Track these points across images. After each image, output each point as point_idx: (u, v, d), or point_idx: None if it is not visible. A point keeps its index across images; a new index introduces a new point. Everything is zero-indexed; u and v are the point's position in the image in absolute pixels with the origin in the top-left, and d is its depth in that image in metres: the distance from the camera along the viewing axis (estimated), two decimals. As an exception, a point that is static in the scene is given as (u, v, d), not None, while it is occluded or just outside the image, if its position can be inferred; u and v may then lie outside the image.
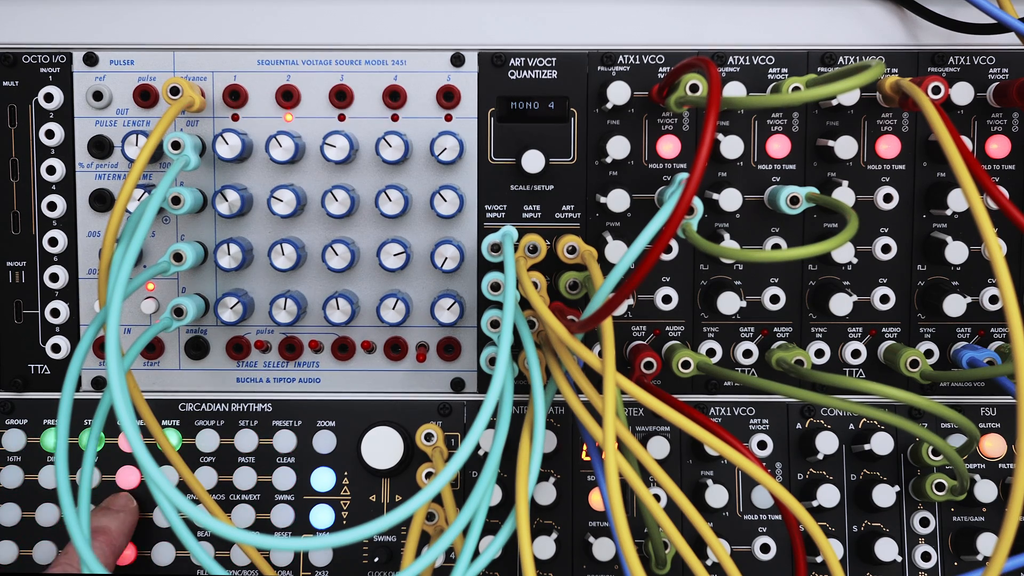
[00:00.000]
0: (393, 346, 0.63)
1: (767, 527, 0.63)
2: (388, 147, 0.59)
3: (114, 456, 0.64)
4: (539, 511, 0.63)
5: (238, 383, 0.64)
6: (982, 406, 0.64)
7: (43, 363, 0.64)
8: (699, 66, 0.51)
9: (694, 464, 0.64)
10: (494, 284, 0.59)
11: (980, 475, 0.63)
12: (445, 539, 0.51)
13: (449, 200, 0.60)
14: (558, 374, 0.54)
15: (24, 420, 0.64)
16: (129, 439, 0.49)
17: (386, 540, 0.64)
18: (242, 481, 0.64)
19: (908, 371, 0.59)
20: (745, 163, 0.62)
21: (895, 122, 0.62)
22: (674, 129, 0.62)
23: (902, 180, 0.62)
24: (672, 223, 0.45)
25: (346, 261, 0.60)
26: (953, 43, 0.62)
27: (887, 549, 0.61)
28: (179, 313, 0.58)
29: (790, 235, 0.62)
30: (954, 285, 0.62)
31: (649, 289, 0.61)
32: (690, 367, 0.59)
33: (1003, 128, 0.62)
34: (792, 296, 0.63)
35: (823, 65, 0.61)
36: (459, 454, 0.48)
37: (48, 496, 0.64)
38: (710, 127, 0.45)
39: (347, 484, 0.64)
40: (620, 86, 0.59)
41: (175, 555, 0.64)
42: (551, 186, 0.62)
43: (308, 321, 0.63)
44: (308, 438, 0.64)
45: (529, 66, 0.62)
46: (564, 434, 0.64)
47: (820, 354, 0.62)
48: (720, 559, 0.50)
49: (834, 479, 0.63)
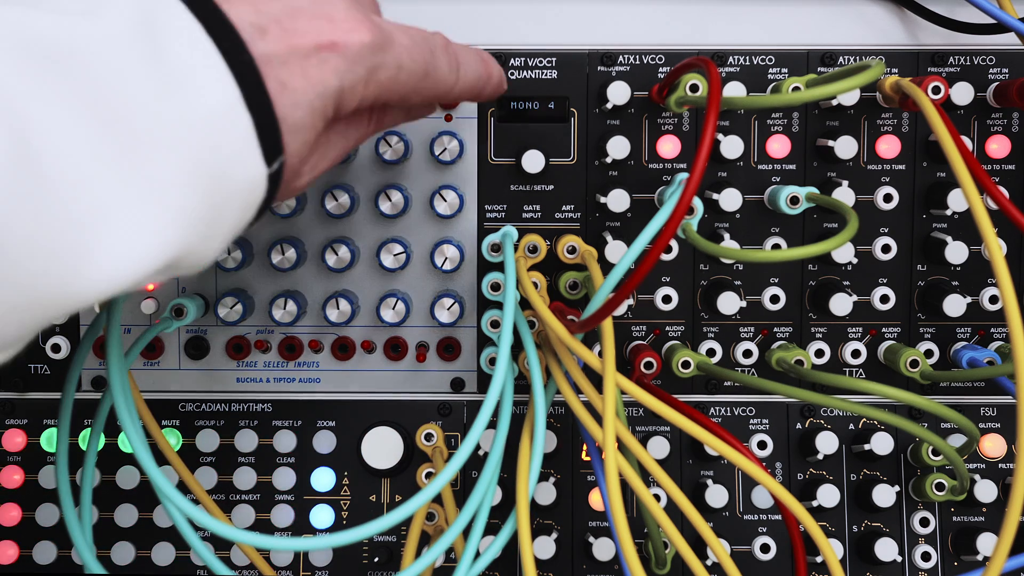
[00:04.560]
0: (393, 346, 0.63)
1: (767, 527, 0.63)
2: (388, 147, 0.60)
3: (114, 456, 0.64)
4: (539, 511, 0.63)
5: (238, 383, 0.64)
6: (982, 406, 0.64)
7: (43, 363, 0.64)
8: (699, 66, 0.51)
9: (694, 464, 0.64)
10: (494, 284, 0.59)
11: (980, 475, 0.63)
12: (445, 539, 0.51)
13: (449, 200, 0.60)
14: (558, 374, 0.54)
15: (24, 420, 0.64)
16: (129, 439, 0.49)
17: (386, 540, 0.64)
18: (242, 481, 0.64)
19: (908, 371, 0.59)
20: (745, 163, 0.62)
21: (895, 122, 0.62)
22: (674, 129, 0.62)
23: (902, 180, 0.62)
24: (672, 223, 0.45)
25: (346, 261, 0.60)
26: (953, 43, 0.62)
27: (887, 549, 0.61)
28: (179, 313, 0.58)
29: (790, 235, 0.62)
30: (954, 285, 0.62)
31: (649, 289, 0.61)
32: (690, 367, 0.59)
33: (1003, 128, 0.62)
34: (792, 296, 0.63)
35: (823, 65, 0.61)
36: (459, 454, 0.48)
37: (48, 496, 0.64)
38: (710, 127, 0.45)
39: (347, 484, 0.64)
40: (620, 86, 0.59)
41: (175, 555, 0.64)
42: (551, 186, 0.62)
43: (308, 321, 0.63)
44: (308, 438, 0.64)
45: (529, 66, 0.62)
46: (564, 434, 0.64)
47: (820, 354, 0.62)
48: (720, 559, 0.50)
49: (834, 479, 0.63)
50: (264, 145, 0.37)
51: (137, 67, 0.34)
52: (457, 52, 0.48)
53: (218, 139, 0.36)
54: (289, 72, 0.38)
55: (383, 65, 0.42)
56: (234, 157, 0.36)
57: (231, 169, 0.36)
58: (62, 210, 0.32)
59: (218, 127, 0.36)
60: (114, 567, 0.63)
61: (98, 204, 0.33)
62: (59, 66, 0.32)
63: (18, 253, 0.30)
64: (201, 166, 0.35)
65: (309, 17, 0.39)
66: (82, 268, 0.33)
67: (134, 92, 0.34)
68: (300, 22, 0.39)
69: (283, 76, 0.38)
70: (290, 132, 0.38)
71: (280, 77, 0.38)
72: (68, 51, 0.33)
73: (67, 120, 0.32)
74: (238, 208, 0.38)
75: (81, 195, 0.32)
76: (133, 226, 0.33)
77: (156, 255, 0.34)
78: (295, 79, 0.38)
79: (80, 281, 0.33)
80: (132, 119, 0.33)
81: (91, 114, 0.33)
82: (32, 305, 0.32)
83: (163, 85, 0.34)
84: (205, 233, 0.37)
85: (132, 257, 0.34)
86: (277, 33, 0.38)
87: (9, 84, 0.31)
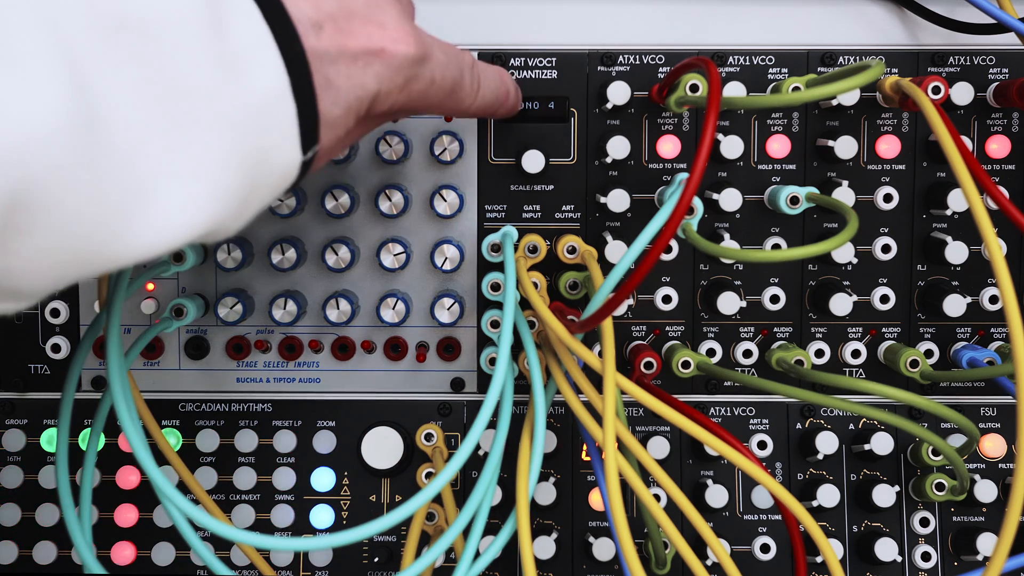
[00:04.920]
0: (393, 346, 0.63)
1: (767, 527, 0.63)
2: (388, 147, 0.59)
3: (114, 456, 0.64)
4: (539, 511, 0.63)
5: (238, 383, 0.64)
6: (982, 406, 0.64)
7: (43, 363, 0.64)
8: (699, 66, 0.51)
9: (694, 464, 0.64)
10: (494, 284, 0.59)
11: (980, 475, 0.63)
12: (445, 539, 0.51)
13: (449, 200, 0.60)
14: (558, 374, 0.54)
15: (24, 420, 0.64)
16: (129, 439, 0.49)
17: (386, 540, 0.64)
18: (242, 481, 0.64)
19: (908, 371, 0.59)
20: (745, 163, 0.62)
21: (895, 122, 0.62)
22: (674, 129, 0.62)
23: (902, 180, 0.62)
24: (672, 223, 0.45)
25: (346, 261, 0.60)
26: (953, 43, 0.62)
27: (887, 549, 0.61)
28: (179, 313, 0.58)
29: (790, 235, 0.62)
30: (954, 285, 0.62)
31: (649, 289, 0.61)
32: (690, 367, 0.59)
33: (1003, 128, 0.62)
34: (792, 296, 0.63)
35: (823, 65, 0.61)
36: (459, 454, 0.48)
37: (48, 496, 0.64)
38: (710, 127, 0.45)
39: (347, 484, 0.64)
40: (620, 86, 0.59)
41: (175, 555, 0.64)
42: (551, 186, 0.62)
43: (308, 321, 0.63)
44: (308, 438, 0.64)
45: (529, 66, 0.62)
46: (564, 434, 0.64)
47: (820, 354, 0.62)
48: (720, 559, 0.50)
49: (834, 479, 0.63)
50: (303, 135, 0.38)
51: (201, 44, 0.35)
52: (480, 73, 0.50)
53: (265, 124, 0.37)
54: (336, 71, 0.40)
55: (419, 77, 0.44)
56: (276, 143, 0.38)
57: (271, 154, 0.38)
58: (117, 177, 0.32)
59: (266, 113, 0.37)
60: (114, 567, 0.63)
61: (150, 174, 0.33)
62: (130, 36, 0.33)
63: (72, 214, 0.31)
64: (246, 148, 0.36)
65: (362, 21, 0.41)
66: (125, 234, 0.34)
67: (195, 69, 0.34)
68: (354, 24, 0.41)
69: (330, 73, 0.39)
70: (326, 126, 0.40)
71: (327, 74, 0.39)
72: (139, 21, 0.33)
73: (131, 90, 0.33)
74: (269, 191, 0.39)
75: (136, 164, 0.33)
76: (178, 199, 0.34)
77: (193, 228, 0.35)
78: (340, 78, 0.40)
79: (121, 246, 0.34)
80: (190, 95, 0.34)
81: (154, 86, 0.33)
82: (72, 262, 0.33)
83: (222, 65, 0.35)
84: (238, 211, 0.38)
85: (172, 227, 0.35)
86: (331, 31, 0.40)
87: (82, 51, 0.31)
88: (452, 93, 0.48)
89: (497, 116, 0.56)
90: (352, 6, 0.41)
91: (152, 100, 0.33)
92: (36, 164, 0.29)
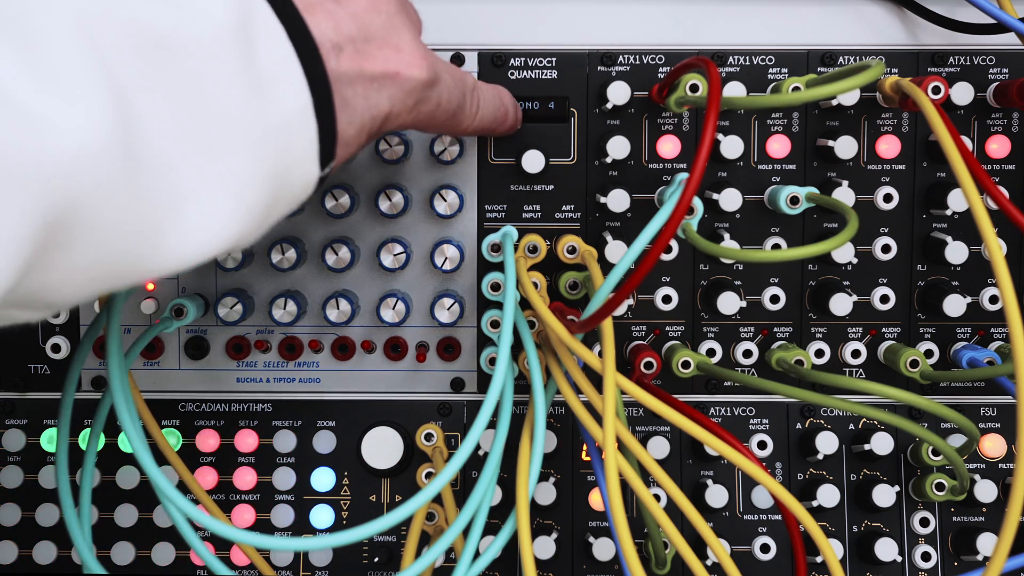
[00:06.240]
0: (393, 346, 0.63)
1: (767, 527, 0.63)
2: (388, 147, 0.60)
3: (114, 456, 0.64)
4: (539, 511, 0.63)
5: (238, 383, 0.64)
6: (982, 406, 0.64)
7: (43, 363, 0.64)
8: (699, 66, 0.51)
9: (694, 464, 0.64)
10: (494, 284, 0.59)
11: (980, 475, 0.63)
12: (445, 539, 0.51)
13: (449, 200, 0.60)
14: (558, 374, 0.54)
15: (24, 420, 0.64)
16: (129, 439, 0.49)
17: (386, 540, 0.64)
18: (242, 481, 0.64)
19: (908, 371, 0.59)
20: (745, 163, 0.62)
21: (895, 122, 0.62)
22: (674, 129, 0.62)
23: (902, 180, 0.62)
24: (672, 223, 0.45)
25: (346, 261, 0.60)
26: (953, 43, 0.62)
27: (887, 549, 0.61)
28: (179, 313, 0.58)
29: (790, 235, 0.62)
30: (954, 285, 0.62)
31: (649, 289, 0.61)
32: (690, 367, 0.59)
33: (1003, 128, 0.62)
34: (792, 296, 0.63)
35: (823, 65, 0.61)
36: (459, 454, 0.48)
37: (48, 496, 0.64)
38: (710, 127, 0.45)
39: (347, 484, 0.64)
40: (620, 86, 0.59)
41: (175, 555, 0.64)
42: (551, 186, 0.62)
43: (308, 321, 0.63)
44: (308, 438, 0.64)
45: (529, 66, 0.62)
46: (564, 434, 0.64)
47: (820, 354, 0.62)
48: (720, 559, 0.50)
49: (834, 479, 0.63)
50: (322, 152, 0.40)
51: (234, 65, 0.35)
52: (480, 95, 0.52)
53: (289, 142, 0.38)
54: (353, 91, 0.41)
55: (427, 100, 0.46)
56: (298, 161, 0.39)
57: (293, 171, 0.39)
58: (152, 195, 0.33)
59: (290, 131, 0.38)
60: (114, 567, 0.63)
61: (183, 190, 0.34)
62: (166, 55, 0.34)
63: (111, 231, 0.32)
64: (271, 165, 0.37)
65: (380, 44, 0.43)
66: (159, 248, 0.35)
67: (228, 89, 0.35)
68: (372, 46, 0.42)
69: (347, 94, 0.41)
70: (342, 144, 0.41)
71: (344, 94, 0.41)
72: (177, 43, 0.34)
73: (167, 108, 0.33)
74: (288, 205, 0.40)
75: (171, 181, 0.34)
76: (208, 216, 0.35)
77: (220, 243, 0.36)
78: (357, 99, 0.41)
79: (154, 260, 0.35)
80: (222, 114, 0.35)
81: (188, 106, 0.34)
82: (106, 276, 0.34)
83: (252, 85, 0.36)
84: (259, 225, 0.39)
85: (202, 242, 0.36)
86: (351, 54, 0.41)
87: (122, 69, 0.32)
88: (454, 116, 0.49)
89: (496, 135, 0.58)
90: (370, 29, 0.42)
91: (186, 117, 0.34)
92: (83, 181, 0.30)
